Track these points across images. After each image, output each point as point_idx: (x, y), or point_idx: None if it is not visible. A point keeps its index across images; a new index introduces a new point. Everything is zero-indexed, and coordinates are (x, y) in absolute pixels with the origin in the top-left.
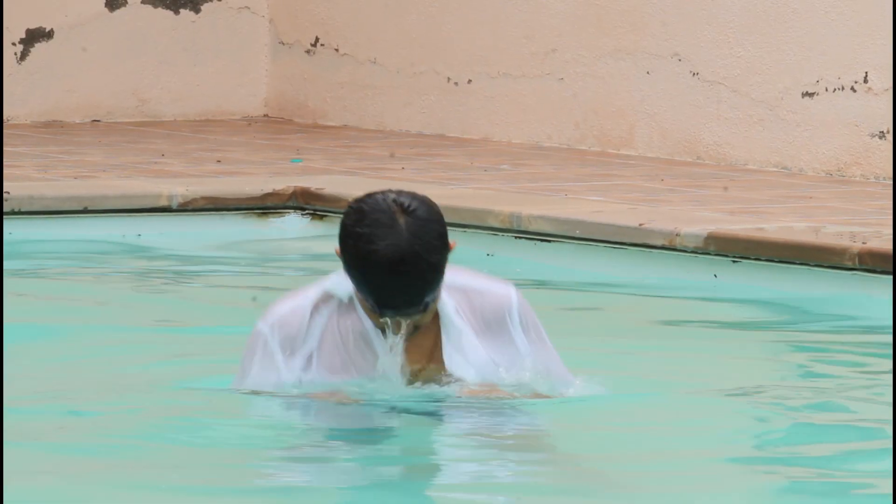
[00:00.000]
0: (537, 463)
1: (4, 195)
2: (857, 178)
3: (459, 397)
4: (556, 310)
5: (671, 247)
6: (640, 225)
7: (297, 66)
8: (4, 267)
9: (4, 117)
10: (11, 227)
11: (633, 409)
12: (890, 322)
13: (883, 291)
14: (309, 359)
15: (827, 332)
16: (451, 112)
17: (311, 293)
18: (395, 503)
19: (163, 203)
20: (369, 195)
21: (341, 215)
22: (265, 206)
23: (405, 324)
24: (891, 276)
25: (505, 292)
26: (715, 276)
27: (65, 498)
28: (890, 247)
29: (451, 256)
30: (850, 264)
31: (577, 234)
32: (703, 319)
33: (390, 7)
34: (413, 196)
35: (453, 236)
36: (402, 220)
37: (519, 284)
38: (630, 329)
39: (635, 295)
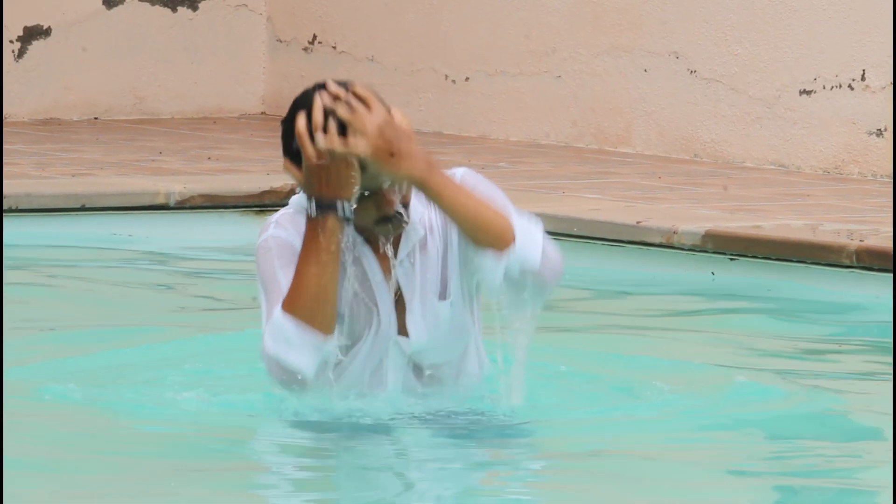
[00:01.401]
0: (533, 463)
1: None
2: (855, 176)
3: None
4: (554, 307)
5: (669, 244)
6: (638, 223)
7: (295, 63)
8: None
9: (2, 115)
10: (9, 225)
11: (630, 407)
12: (887, 320)
13: (880, 289)
14: None
15: (824, 330)
16: (449, 110)
17: (290, 209)
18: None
19: (160, 201)
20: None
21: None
22: (263, 203)
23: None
24: (888, 274)
25: (457, 168)
26: (713, 274)
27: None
28: (887, 244)
29: None
30: (847, 262)
31: (575, 231)
32: (700, 317)
33: (388, 5)
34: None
35: None
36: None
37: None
38: (627, 327)
39: (633, 293)
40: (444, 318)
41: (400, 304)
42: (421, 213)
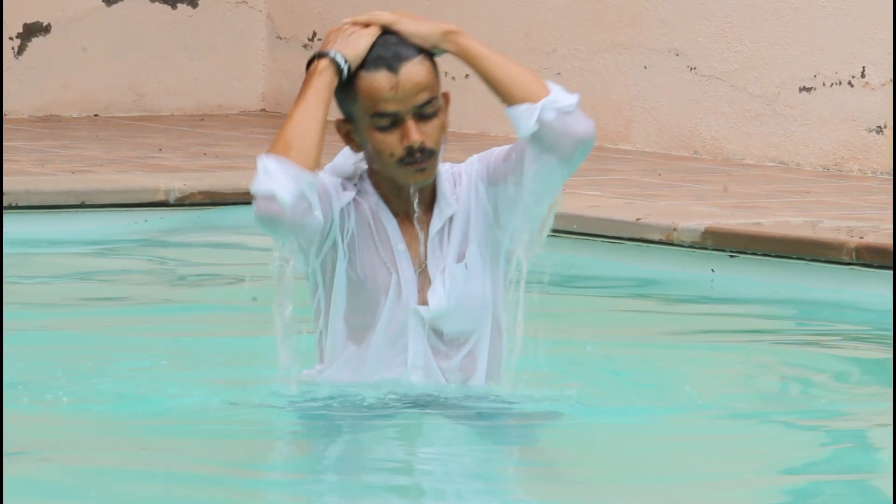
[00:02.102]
0: (535, 462)
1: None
2: (855, 173)
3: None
4: (553, 305)
5: (668, 241)
6: (638, 220)
7: (295, 60)
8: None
9: (2, 111)
10: (8, 222)
11: (628, 406)
12: (887, 317)
13: (880, 286)
14: (350, 239)
15: (824, 327)
16: (449, 107)
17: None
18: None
19: (160, 198)
20: None
21: None
22: None
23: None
24: (888, 271)
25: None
26: (712, 271)
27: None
28: (887, 241)
29: None
30: (847, 259)
31: (575, 228)
32: (700, 314)
33: (388, 2)
34: None
35: None
36: None
37: (516, 280)
38: (627, 324)
39: (632, 290)
40: (460, 280)
41: (422, 276)
42: (452, 190)
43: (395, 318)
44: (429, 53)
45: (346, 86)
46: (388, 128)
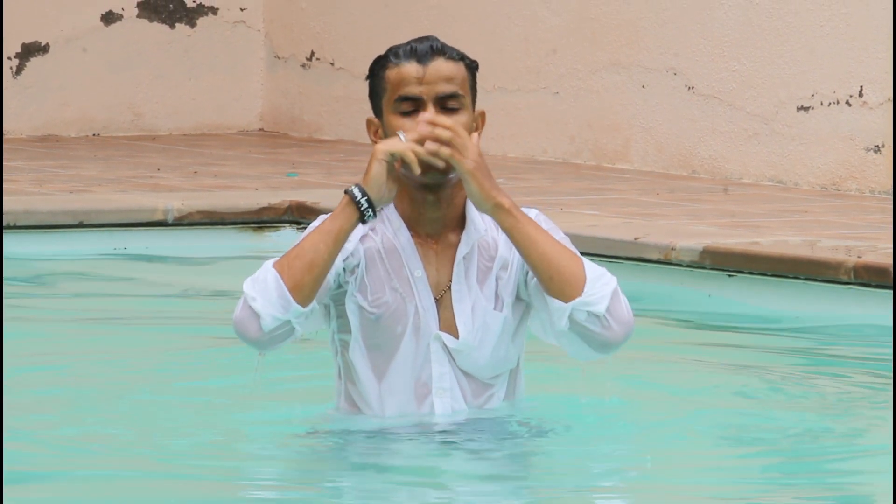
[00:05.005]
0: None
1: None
2: (853, 193)
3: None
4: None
5: (666, 261)
6: (636, 239)
7: (293, 80)
8: None
9: (2, 131)
10: (7, 242)
11: (627, 424)
12: (886, 336)
13: (879, 306)
14: (359, 276)
15: (822, 346)
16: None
17: None
18: None
19: (158, 217)
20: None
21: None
22: (261, 220)
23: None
24: (886, 290)
25: (529, 208)
26: (709, 296)
27: None
28: (885, 261)
29: None
30: (845, 278)
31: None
32: (698, 333)
33: (386, 22)
34: None
35: None
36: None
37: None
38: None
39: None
40: (494, 328)
41: (443, 301)
42: (484, 226)
43: (416, 347)
44: (469, 63)
45: (378, 76)
46: (409, 113)
